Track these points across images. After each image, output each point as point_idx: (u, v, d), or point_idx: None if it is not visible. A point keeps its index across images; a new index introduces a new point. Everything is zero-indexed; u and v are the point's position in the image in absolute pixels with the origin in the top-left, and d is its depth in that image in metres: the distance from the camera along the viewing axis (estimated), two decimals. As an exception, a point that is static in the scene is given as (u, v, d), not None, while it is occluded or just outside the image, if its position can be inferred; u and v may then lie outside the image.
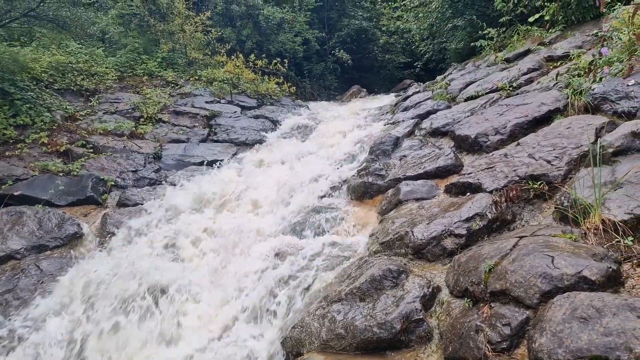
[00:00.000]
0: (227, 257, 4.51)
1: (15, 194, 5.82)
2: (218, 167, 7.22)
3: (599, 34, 5.63)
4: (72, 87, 9.30)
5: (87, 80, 9.74)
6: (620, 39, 4.78)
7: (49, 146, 7.05)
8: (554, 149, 3.78)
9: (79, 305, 4.20)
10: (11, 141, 6.97)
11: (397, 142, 6.12)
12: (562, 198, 3.10)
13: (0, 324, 4.06)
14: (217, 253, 4.59)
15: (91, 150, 7.27)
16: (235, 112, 10.22)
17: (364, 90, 15.04)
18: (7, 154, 6.63)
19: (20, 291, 4.36)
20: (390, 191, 4.74)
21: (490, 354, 2.29)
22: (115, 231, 5.34)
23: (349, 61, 16.38)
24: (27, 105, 7.65)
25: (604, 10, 5.06)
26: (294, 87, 13.47)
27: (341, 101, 13.97)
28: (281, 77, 13.17)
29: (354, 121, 9.08)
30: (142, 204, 5.95)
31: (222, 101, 10.80)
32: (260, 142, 8.60)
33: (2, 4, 7.03)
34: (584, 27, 7.20)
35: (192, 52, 12.80)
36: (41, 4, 7.49)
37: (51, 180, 6.21)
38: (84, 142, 7.41)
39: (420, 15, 13.69)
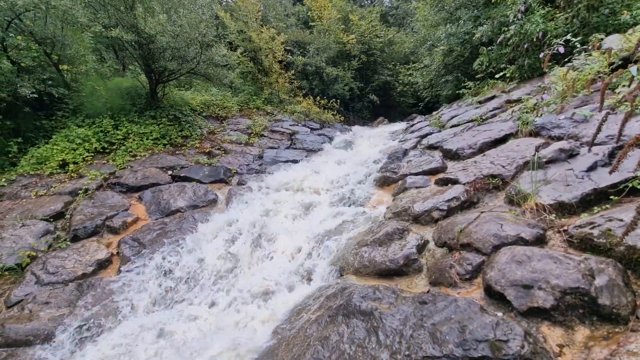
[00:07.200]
0: (302, 217, 4.64)
1: (181, 175, 6.22)
2: (296, 163, 7.35)
3: (542, 85, 5.34)
4: (212, 115, 9.71)
5: (221, 110, 10.14)
6: (557, 89, 4.53)
7: (199, 149, 7.45)
8: (507, 159, 3.67)
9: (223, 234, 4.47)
10: (179, 145, 7.43)
11: (405, 152, 6.05)
12: (511, 189, 3.04)
13: (179, 244, 4.37)
14: (294, 217, 4.70)
15: (223, 151, 7.60)
16: (307, 131, 10.29)
17: (386, 120, 14.74)
18: (176, 152, 7.08)
19: (185, 230, 4.69)
20: (400, 182, 4.73)
21: (458, 281, 2.32)
22: (235, 199, 5.57)
23: (377, 101, 16.12)
24: (188, 125, 8.12)
25: (546, 70, 4.79)
26: (342, 117, 13.41)
27: (372, 126, 13.78)
28: (335, 110, 13.15)
29: (379, 139, 9.01)
30: (250, 184, 6.18)
31: (299, 125, 10.87)
32: (321, 150, 8.64)
33: (175, 66, 7.51)
34: (532, 81, 6.79)
35: (282, 95, 12.99)
36: (197, 66, 7.89)
37: (201, 168, 6.56)
38: (219, 147, 7.76)
39: (424, 73, 13.32)
